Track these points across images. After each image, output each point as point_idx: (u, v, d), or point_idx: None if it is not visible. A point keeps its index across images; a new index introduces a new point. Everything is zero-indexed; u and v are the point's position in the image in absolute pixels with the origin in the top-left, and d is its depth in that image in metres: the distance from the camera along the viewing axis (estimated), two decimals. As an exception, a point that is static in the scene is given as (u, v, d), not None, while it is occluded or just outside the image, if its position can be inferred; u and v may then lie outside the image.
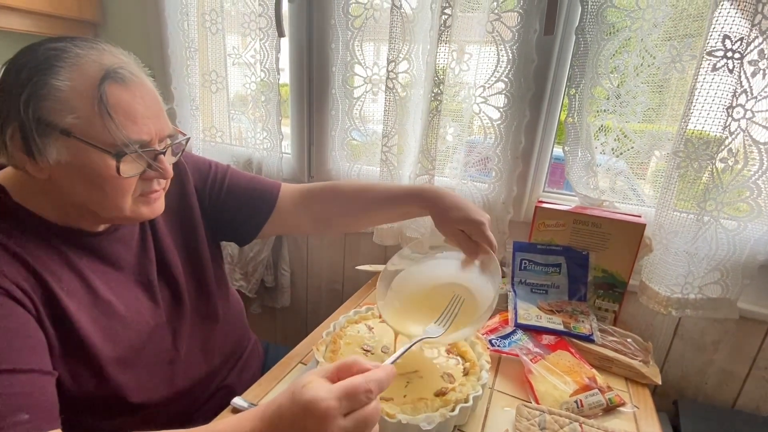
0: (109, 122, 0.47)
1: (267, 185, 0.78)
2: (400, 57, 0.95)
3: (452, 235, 0.68)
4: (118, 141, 0.48)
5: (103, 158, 0.49)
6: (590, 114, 0.86)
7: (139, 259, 0.63)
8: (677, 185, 0.78)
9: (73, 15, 1.28)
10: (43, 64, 0.46)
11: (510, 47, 0.87)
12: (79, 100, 0.47)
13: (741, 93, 0.70)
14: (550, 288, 0.87)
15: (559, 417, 0.59)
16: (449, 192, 0.72)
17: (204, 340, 0.70)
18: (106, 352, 0.54)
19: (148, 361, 0.60)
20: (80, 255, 0.55)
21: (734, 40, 0.69)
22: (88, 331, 0.53)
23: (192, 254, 0.71)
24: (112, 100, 0.48)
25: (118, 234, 0.60)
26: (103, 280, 0.57)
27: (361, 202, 0.78)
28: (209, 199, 0.73)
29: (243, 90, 1.18)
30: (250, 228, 0.77)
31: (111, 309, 0.56)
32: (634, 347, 0.76)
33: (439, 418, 0.54)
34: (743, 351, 0.88)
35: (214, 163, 0.76)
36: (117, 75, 0.48)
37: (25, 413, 0.41)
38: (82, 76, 0.47)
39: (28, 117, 0.45)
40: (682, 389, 0.94)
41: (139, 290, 0.62)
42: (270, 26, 1.07)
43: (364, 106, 1.06)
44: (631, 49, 0.80)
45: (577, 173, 0.90)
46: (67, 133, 0.47)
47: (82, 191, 0.51)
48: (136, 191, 0.54)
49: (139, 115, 0.50)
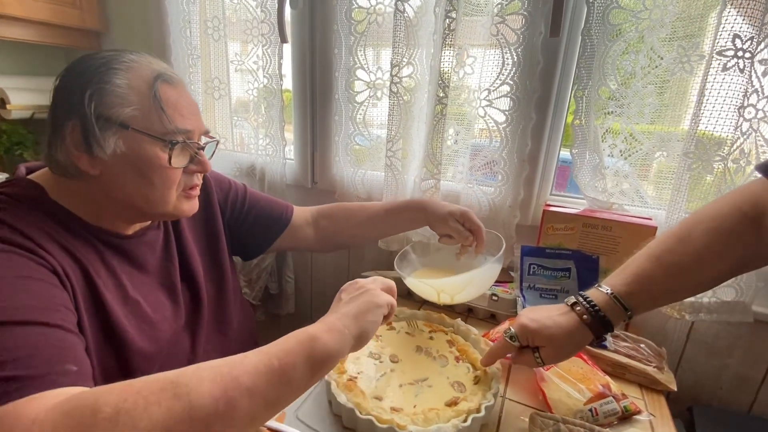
0: (161, 114, 0.54)
1: (282, 204, 0.87)
2: (404, 61, 0.94)
3: (446, 228, 0.80)
4: (169, 130, 0.55)
5: (155, 148, 0.54)
6: (597, 116, 0.85)
7: (163, 262, 0.66)
8: (688, 186, 0.77)
9: (77, 24, 1.28)
10: (103, 67, 0.52)
11: (515, 50, 0.86)
12: (136, 96, 0.53)
13: (752, 92, 0.69)
14: (559, 293, 0.86)
15: (574, 426, 0.57)
16: (431, 198, 0.91)
17: (218, 345, 0.72)
18: (137, 345, 0.57)
19: (169, 361, 0.62)
20: (112, 254, 0.58)
21: (744, 39, 0.68)
22: (122, 322, 0.55)
23: (213, 262, 0.75)
24: (163, 96, 0.54)
25: (146, 238, 0.64)
26: (131, 281, 0.59)
27: (361, 215, 0.87)
28: (230, 213, 0.80)
29: (245, 96, 1.18)
30: (262, 243, 0.84)
31: (139, 308, 0.59)
32: (648, 353, 0.74)
33: (451, 429, 0.53)
34: (758, 355, 0.86)
35: (232, 180, 0.83)
36: (166, 76, 0.56)
37: (73, 365, 0.42)
38: (137, 77, 0.54)
39: (90, 112, 0.51)
40: (697, 395, 0.92)
41: (162, 293, 0.64)
42: (272, 32, 1.07)
43: (367, 111, 1.05)
44: (637, 49, 0.79)
45: (585, 176, 0.88)
46: (126, 126, 0.52)
47: (131, 184, 0.55)
48: (180, 185, 0.59)
49: (184, 110, 0.57)
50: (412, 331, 0.75)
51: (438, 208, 0.81)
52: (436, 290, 0.77)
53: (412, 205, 0.86)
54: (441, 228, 0.81)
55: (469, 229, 0.79)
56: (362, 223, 0.87)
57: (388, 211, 0.86)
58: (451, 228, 0.79)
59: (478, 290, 0.80)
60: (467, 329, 0.74)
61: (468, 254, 0.82)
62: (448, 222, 0.79)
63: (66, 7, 1.24)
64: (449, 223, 0.79)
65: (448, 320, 0.77)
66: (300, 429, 0.57)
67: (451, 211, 0.80)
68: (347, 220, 0.88)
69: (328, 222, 0.88)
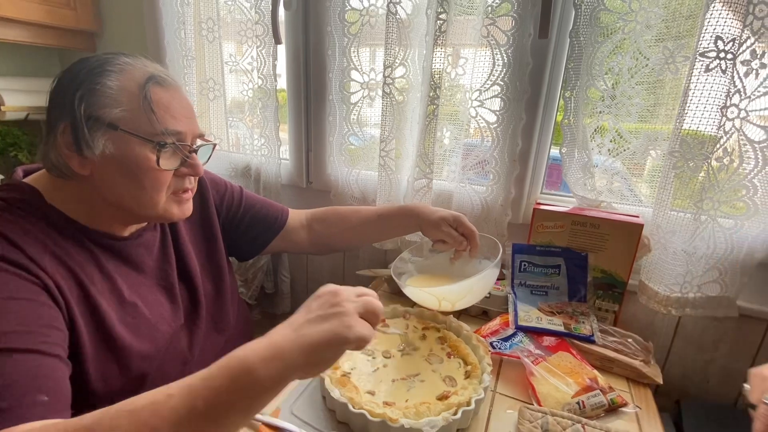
0: (150, 115, 0.54)
1: (277, 207, 0.87)
2: (397, 62, 0.95)
3: (439, 234, 0.80)
4: (158, 131, 0.54)
5: (144, 150, 0.54)
6: (586, 115, 0.86)
7: (160, 263, 0.67)
8: (674, 185, 0.79)
9: (71, 25, 1.28)
10: (96, 69, 0.53)
11: (505, 51, 0.88)
12: (126, 97, 0.53)
13: (734, 93, 0.71)
14: (550, 289, 0.87)
15: (562, 418, 0.59)
16: (424, 204, 0.88)
17: (215, 344, 0.73)
18: (135, 348, 0.57)
19: (166, 360, 0.63)
20: (108, 258, 0.58)
21: (726, 40, 0.69)
22: (118, 328, 0.56)
23: (211, 262, 0.75)
24: (154, 97, 0.54)
25: (142, 239, 0.64)
26: (128, 283, 0.60)
27: (354, 221, 0.88)
28: (225, 214, 0.80)
29: (240, 97, 1.18)
30: (257, 245, 0.85)
31: (136, 310, 0.59)
32: (635, 347, 0.76)
33: (441, 422, 0.54)
34: (744, 349, 0.88)
35: (228, 182, 0.83)
36: (159, 78, 0.56)
37: (44, 395, 0.42)
38: (129, 78, 0.54)
39: (80, 113, 0.51)
40: (684, 389, 0.94)
41: (160, 293, 0.65)
42: (266, 33, 1.08)
43: (361, 111, 1.07)
44: (624, 50, 0.81)
45: (574, 174, 0.90)
46: (114, 126, 0.53)
47: (121, 186, 0.55)
48: (170, 188, 0.59)
49: (176, 112, 0.57)
50: (405, 343, 0.72)
51: (430, 214, 0.81)
52: (437, 298, 0.77)
53: (405, 210, 0.85)
54: (434, 233, 0.81)
55: (463, 233, 0.79)
56: (355, 227, 0.88)
57: (381, 216, 0.87)
58: (444, 233, 0.79)
59: (478, 296, 0.81)
60: (459, 326, 0.75)
61: (463, 258, 0.82)
62: (441, 227, 0.79)
63: (60, 8, 1.24)
64: (442, 228, 0.79)
65: (440, 317, 0.78)
66: (295, 424, 0.58)
67: (443, 217, 0.80)
68: (340, 225, 0.88)
69: (321, 226, 0.89)
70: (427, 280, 0.86)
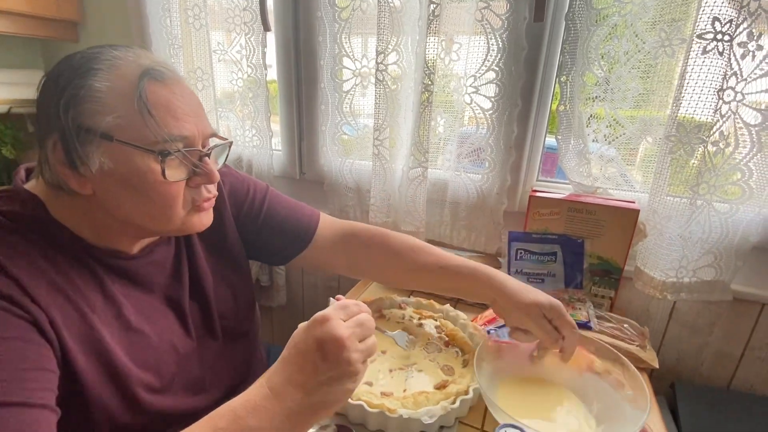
0: (149, 119, 0.46)
1: (305, 218, 0.73)
2: (389, 49, 0.93)
3: (527, 322, 0.60)
4: (159, 138, 0.46)
5: (146, 161, 0.47)
6: (581, 101, 0.85)
7: (171, 281, 0.60)
8: (670, 170, 0.79)
9: (52, 14, 1.24)
10: (81, 68, 0.45)
11: (500, 35, 0.86)
12: (118, 100, 0.45)
13: (731, 75, 0.70)
14: (546, 276, 0.87)
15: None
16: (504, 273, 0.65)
17: (230, 358, 0.68)
18: (143, 380, 0.52)
19: (178, 388, 0.58)
20: (113, 278, 0.53)
21: (723, 22, 0.68)
22: (123, 360, 0.50)
23: (226, 276, 0.67)
24: (151, 97, 0.46)
25: (153, 256, 0.58)
26: (135, 307, 0.54)
27: (409, 262, 0.70)
28: (244, 222, 0.70)
29: (230, 87, 1.16)
30: (280, 258, 0.74)
31: (143, 339, 0.54)
32: (631, 332, 0.77)
33: (440, 411, 0.54)
34: (737, 332, 0.89)
35: (252, 183, 0.72)
36: (155, 72, 0.47)
37: None
38: (120, 76, 0.46)
39: (68, 123, 0.44)
40: (679, 372, 0.95)
41: (170, 313, 0.59)
42: (255, 20, 1.05)
43: (354, 100, 1.05)
44: (620, 34, 0.80)
45: (570, 161, 0.89)
46: (109, 137, 0.45)
47: (128, 203, 0.49)
48: (186, 201, 0.52)
49: (179, 111, 0.48)
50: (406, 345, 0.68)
51: (517, 293, 0.61)
52: None
53: (477, 275, 0.65)
54: (518, 320, 0.62)
55: (556, 326, 0.59)
56: (409, 271, 0.71)
57: (445, 271, 0.68)
58: (534, 324, 0.59)
59: None
60: (456, 314, 0.75)
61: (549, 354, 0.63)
62: (531, 314, 0.59)
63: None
64: (532, 317, 0.59)
65: (437, 306, 0.78)
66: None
67: (539, 303, 0.59)
68: (388, 261, 0.72)
69: (364, 254, 0.73)
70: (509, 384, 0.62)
